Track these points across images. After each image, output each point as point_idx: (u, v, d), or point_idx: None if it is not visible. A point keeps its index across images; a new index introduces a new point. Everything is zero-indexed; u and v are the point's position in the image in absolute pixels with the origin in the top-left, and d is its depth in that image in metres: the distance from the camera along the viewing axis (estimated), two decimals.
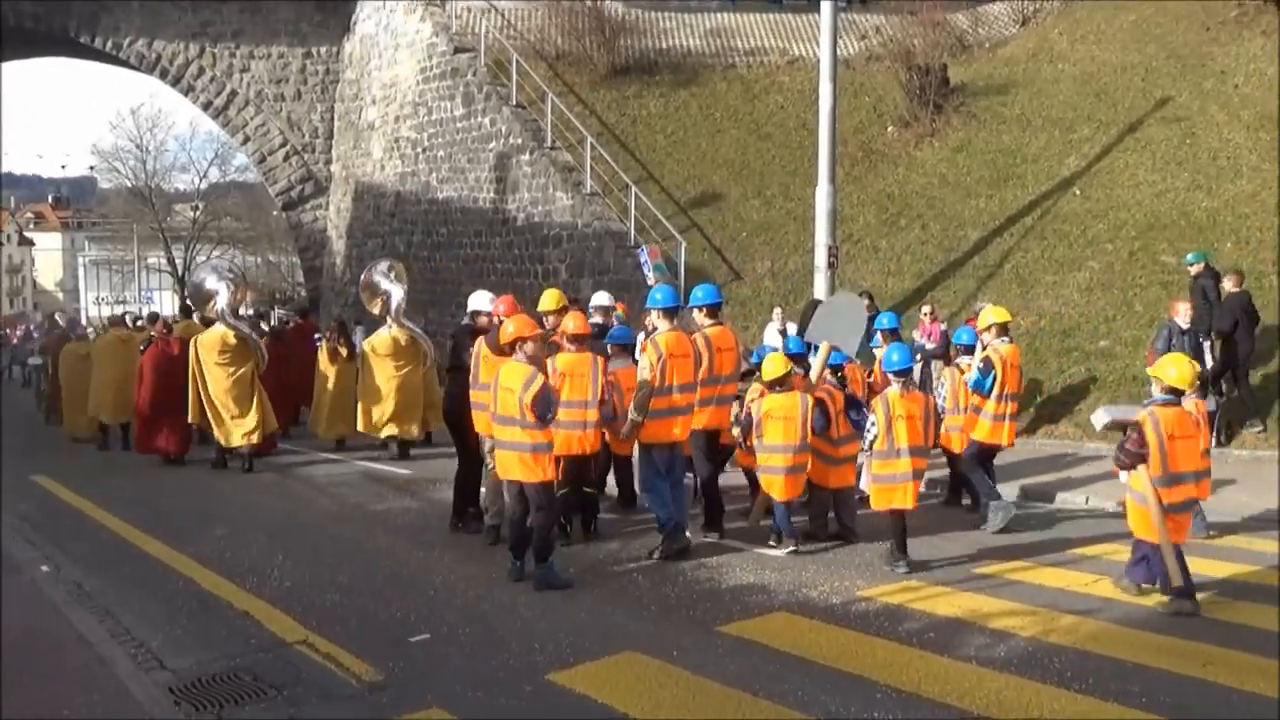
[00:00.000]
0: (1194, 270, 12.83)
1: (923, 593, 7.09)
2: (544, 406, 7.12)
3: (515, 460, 7.29)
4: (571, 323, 8.48)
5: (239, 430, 12.82)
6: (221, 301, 13.02)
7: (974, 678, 5.47)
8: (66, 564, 8.18)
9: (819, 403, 8.50)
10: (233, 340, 12.87)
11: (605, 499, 9.81)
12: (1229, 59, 18.73)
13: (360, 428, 13.69)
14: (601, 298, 11.46)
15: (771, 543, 8.49)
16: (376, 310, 13.90)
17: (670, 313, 8.45)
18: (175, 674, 5.70)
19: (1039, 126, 19.52)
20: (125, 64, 28.35)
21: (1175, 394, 6.78)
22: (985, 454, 9.49)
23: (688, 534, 8.35)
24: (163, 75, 27.97)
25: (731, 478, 9.75)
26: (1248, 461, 11.40)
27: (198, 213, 56.04)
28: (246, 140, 28.99)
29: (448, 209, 23.88)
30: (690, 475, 9.29)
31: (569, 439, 8.23)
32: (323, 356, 14.76)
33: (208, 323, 13.72)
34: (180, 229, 57.24)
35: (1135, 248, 15.55)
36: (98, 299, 67.54)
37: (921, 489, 8.21)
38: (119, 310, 36.00)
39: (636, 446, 8.46)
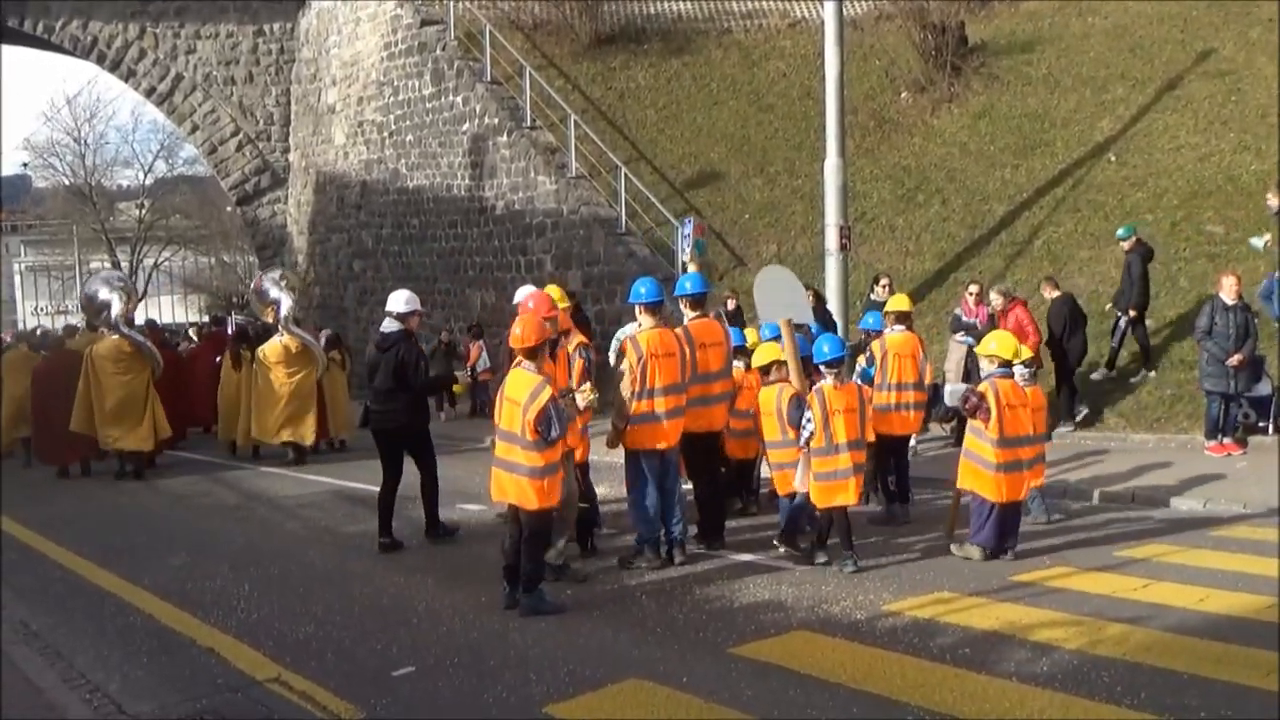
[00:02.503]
0: (1126, 245, 13.66)
1: (955, 605, 7.10)
2: (548, 424, 6.96)
3: (511, 483, 7.19)
4: None
5: (133, 437, 14.17)
6: (114, 311, 14.38)
7: (1015, 696, 5.48)
8: (10, 600, 8.16)
9: (795, 395, 8.66)
10: (128, 349, 14.27)
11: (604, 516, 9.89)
12: (1276, 5, 18.74)
13: (254, 434, 15.28)
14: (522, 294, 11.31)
15: (778, 544, 8.75)
16: (269, 318, 15.52)
17: (654, 308, 8.48)
18: None
19: (1068, 87, 19.55)
20: (59, 49, 28.33)
21: (1008, 366, 8.29)
22: (884, 446, 9.86)
23: (679, 554, 8.48)
24: (100, 60, 27.96)
25: None
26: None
27: (143, 211, 55.85)
28: (195, 129, 28.99)
29: (419, 198, 23.90)
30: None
31: None
32: (227, 364, 16.17)
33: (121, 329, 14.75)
34: (124, 229, 57.06)
35: (1178, 218, 15.58)
36: (36, 309, 67.42)
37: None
38: (62, 320, 36.01)
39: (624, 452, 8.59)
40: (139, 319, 17.15)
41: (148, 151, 57.87)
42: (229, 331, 18.10)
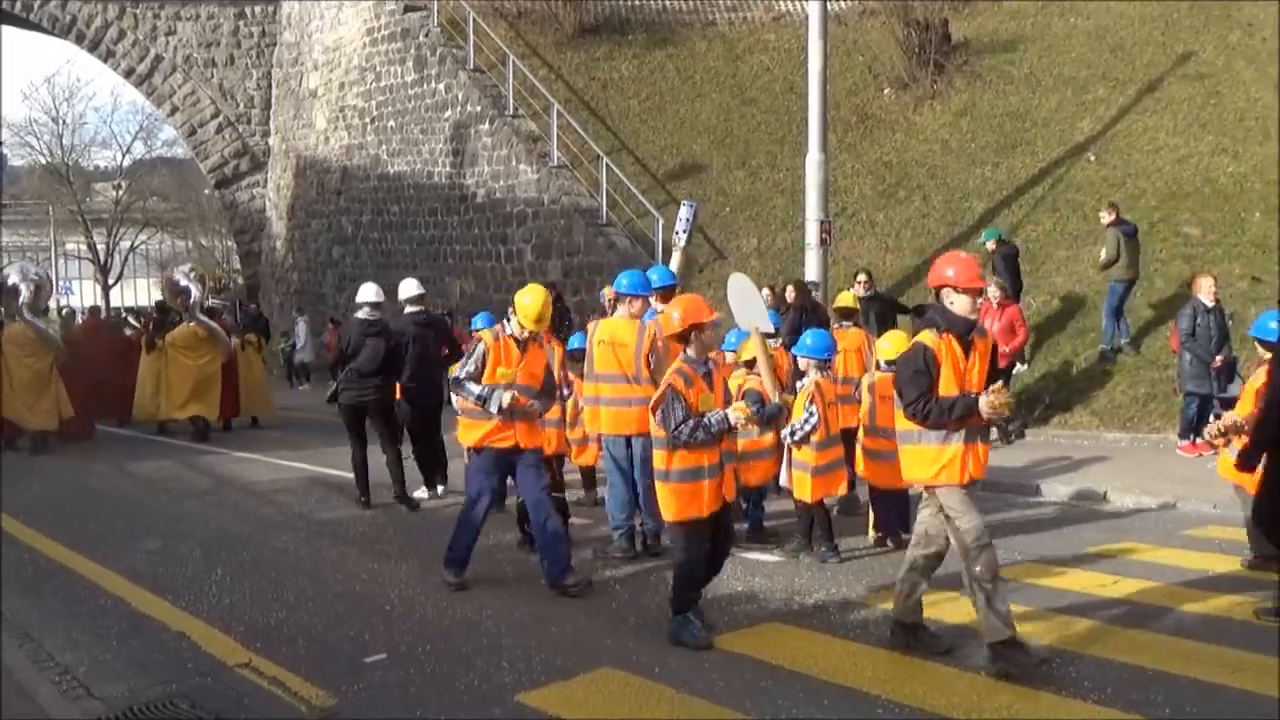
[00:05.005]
0: (990, 246, 14.65)
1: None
2: (664, 415, 6.23)
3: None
4: None
5: (37, 416, 15.28)
6: (22, 299, 15.49)
7: (984, 689, 5.52)
8: None
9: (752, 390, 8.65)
10: (32, 335, 15.39)
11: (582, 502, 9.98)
12: (1256, 9, 18.89)
13: (162, 414, 16.76)
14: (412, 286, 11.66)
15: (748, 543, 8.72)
16: (179, 306, 16.93)
17: (633, 300, 8.49)
18: (104, 703, 5.68)
19: (1050, 87, 19.63)
20: (37, 27, 28.08)
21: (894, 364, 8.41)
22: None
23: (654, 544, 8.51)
24: (79, 39, 27.72)
25: None
26: None
27: (120, 192, 55.39)
28: (174, 111, 28.80)
29: (400, 185, 23.81)
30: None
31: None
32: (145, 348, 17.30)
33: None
34: (101, 211, 56.61)
35: (1155, 219, 15.68)
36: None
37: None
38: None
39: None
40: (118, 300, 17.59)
41: (126, 133, 57.60)
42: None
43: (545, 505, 7.59)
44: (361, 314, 10.99)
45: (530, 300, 7.49)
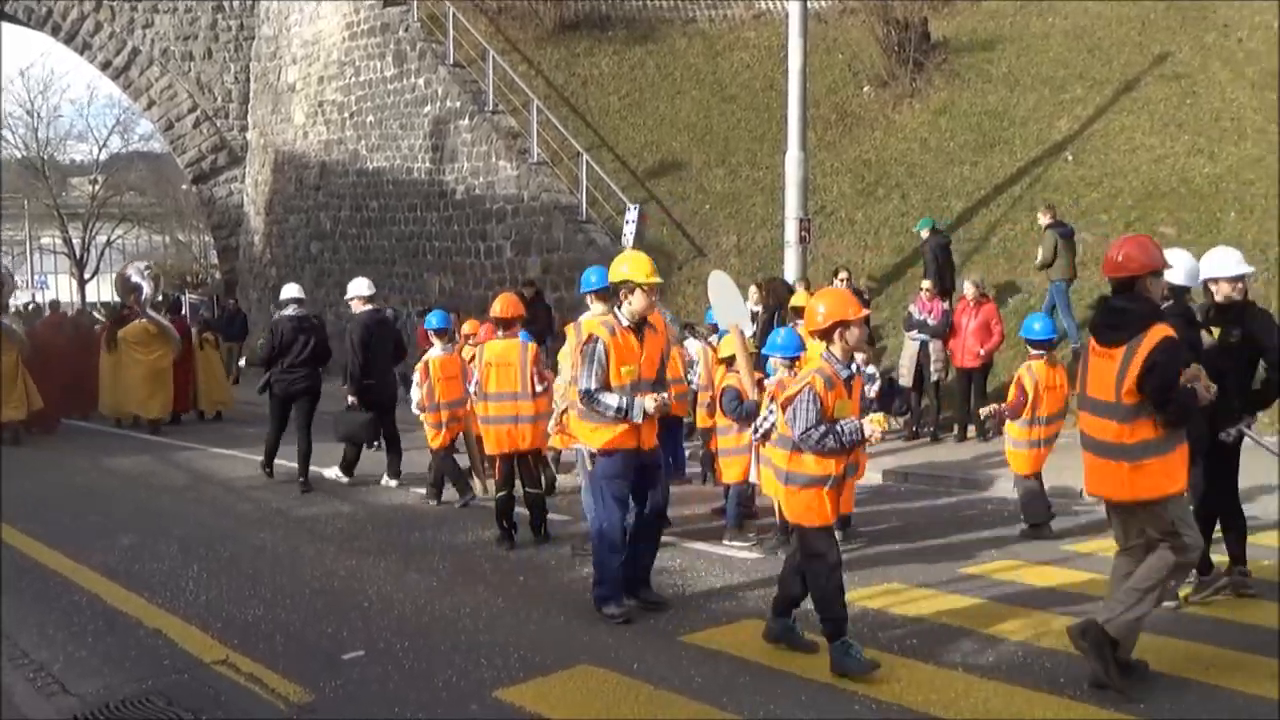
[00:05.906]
0: (924, 235, 15.09)
1: (905, 596, 7.18)
2: (792, 416, 5.73)
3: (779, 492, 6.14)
4: (498, 305, 8.69)
5: (5, 409, 15.35)
6: None
7: (961, 685, 5.55)
8: None
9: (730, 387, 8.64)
10: None
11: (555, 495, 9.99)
12: (1232, 11, 19.00)
13: (125, 409, 17.14)
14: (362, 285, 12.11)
15: (727, 540, 8.73)
16: (132, 303, 17.32)
17: (605, 294, 8.41)
18: (80, 699, 5.65)
19: (1028, 86, 19.71)
20: (12, 19, 27.79)
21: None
22: None
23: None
24: (55, 31, 27.45)
25: None
26: None
27: (96, 187, 54.97)
28: (151, 105, 28.55)
29: (379, 181, 23.71)
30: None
31: (499, 435, 8.65)
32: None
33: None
34: (77, 205, 56.11)
35: (1132, 218, 15.77)
36: None
37: None
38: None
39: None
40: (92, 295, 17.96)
41: (103, 126, 57.25)
42: (182, 311, 19.61)
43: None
44: (289, 311, 11.77)
45: (630, 265, 6.77)
